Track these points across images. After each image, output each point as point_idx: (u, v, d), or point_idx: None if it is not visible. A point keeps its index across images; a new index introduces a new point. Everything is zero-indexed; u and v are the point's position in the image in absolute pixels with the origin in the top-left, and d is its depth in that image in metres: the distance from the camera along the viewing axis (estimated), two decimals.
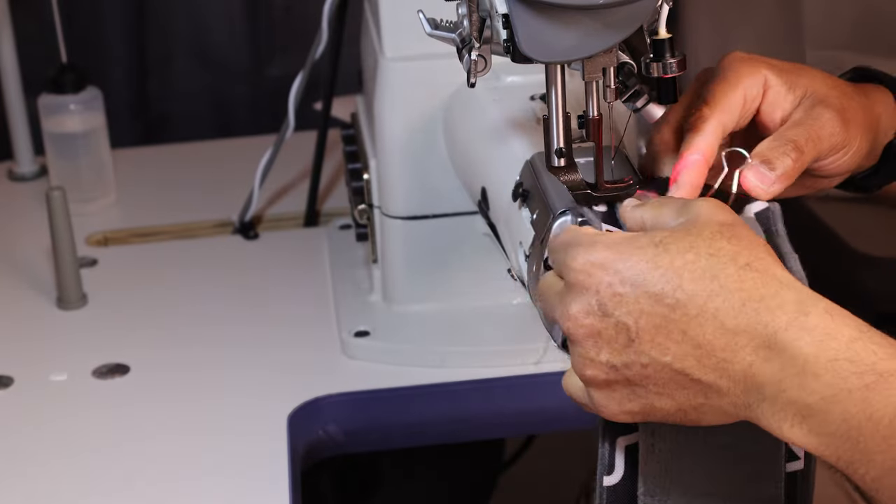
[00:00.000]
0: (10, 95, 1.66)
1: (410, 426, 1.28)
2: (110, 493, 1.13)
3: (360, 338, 1.30)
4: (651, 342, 0.77)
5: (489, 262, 1.26)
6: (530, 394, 1.26)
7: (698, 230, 0.79)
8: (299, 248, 1.50)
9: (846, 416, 0.72)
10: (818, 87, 0.97)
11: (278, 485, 1.13)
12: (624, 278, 0.78)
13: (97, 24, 1.94)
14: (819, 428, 0.73)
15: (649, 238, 0.79)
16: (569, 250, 0.82)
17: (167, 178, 1.69)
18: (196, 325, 1.36)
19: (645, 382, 0.78)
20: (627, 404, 0.80)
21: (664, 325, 0.77)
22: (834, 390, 0.72)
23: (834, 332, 0.74)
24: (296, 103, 1.47)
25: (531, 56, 0.85)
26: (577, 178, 0.92)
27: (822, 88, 0.97)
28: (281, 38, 1.99)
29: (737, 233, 0.79)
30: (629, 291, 0.78)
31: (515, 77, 1.17)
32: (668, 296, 0.77)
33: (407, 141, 1.26)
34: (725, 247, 0.77)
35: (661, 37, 0.90)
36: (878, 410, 0.72)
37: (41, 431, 1.21)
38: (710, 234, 0.78)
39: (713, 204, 0.81)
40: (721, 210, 0.81)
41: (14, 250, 1.52)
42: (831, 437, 0.73)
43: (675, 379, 0.77)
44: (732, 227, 0.79)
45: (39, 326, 1.37)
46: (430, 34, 0.93)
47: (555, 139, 0.92)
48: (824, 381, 0.73)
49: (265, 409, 1.22)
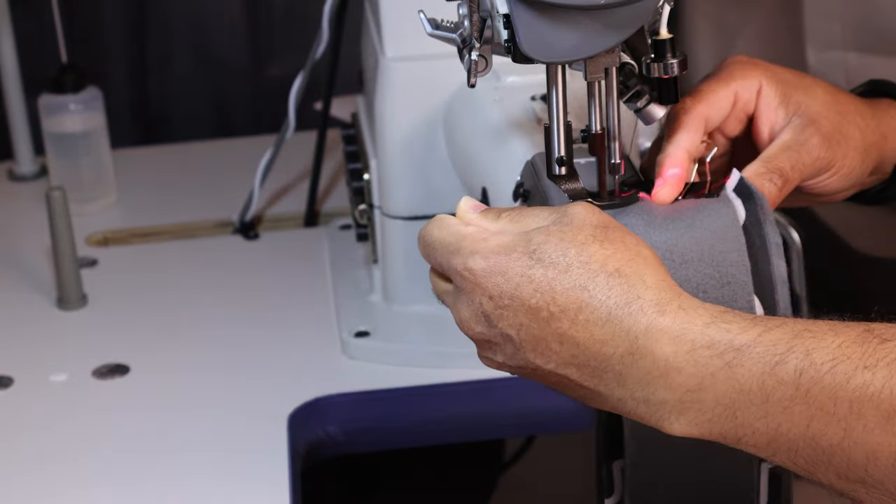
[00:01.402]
0: (10, 95, 1.66)
1: (410, 426, 1.28)
2: (110, 494, 1.13)
3: (360, 338, 1.30)
4: (534, 351, 0.81)
5: None
6: (530, 394, 1.26)
7: (572, 235, 0.81)
8: (299, 248, 1.50)
9: (718, 398, 0.76)
10: (812, 106, 0.97)
11: (278, 485, 1.13)
12: (503, 292, 0.81)
13: (97, 24, 1.94)
14: (697, 417, 0.77)
15: (524, 247, 0.81)
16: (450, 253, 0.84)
17: (167, 178, 1.69)
18: (196, 325, 1.36)
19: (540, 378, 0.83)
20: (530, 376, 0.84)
21: (543, 337, 0.80)
22: (698, 379, 0.76)
23: (688, 324, 0.77)
24: (296, 103, 1.47)
25: (532, 56, 0.85)
26: (578, 187, 0.92)
27: (816, 107, 0.97)
28: (281, 38, 1.99)
29: (609, 236, 0.81)
30: (508, 304, 0.81)
31: (516, 77, 1.17)
32: (542, 309, 0.80)
33: (407, 141, 1.26)
34: (597, 252, 0.80)
35: (663, 37, 0.90)
36: (746, 382, 0.75)
37: (41, 431, 1.21)
38: (583, 240, 0.80)
39: (587, 207, 0.83)
40: (595, 212, 0.83)
41: (14, 250, 1.52)
42: (711, 422, 0.76)
43: (562, 382, 0.81)
44: (605, 230, 0.81)
45: (39, 327, 1.37)
46: (430, 34, 0.93)
47: (556, 148, 0.92)
48: (687, 373, 0.76)
49: (265, 409, 1.22)
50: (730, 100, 0.97)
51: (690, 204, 0.88)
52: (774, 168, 0.94)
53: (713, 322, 0.77)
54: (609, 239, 0.80)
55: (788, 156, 0.95)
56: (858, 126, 0.98)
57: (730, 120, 0.98)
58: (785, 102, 0.97)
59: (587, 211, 0.82)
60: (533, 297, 0.80)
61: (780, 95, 0.97)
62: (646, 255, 0.81)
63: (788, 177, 0.94)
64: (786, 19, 1.55)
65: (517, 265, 0.81)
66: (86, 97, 1.57)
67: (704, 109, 0.96)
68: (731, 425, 0.76)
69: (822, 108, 0.97)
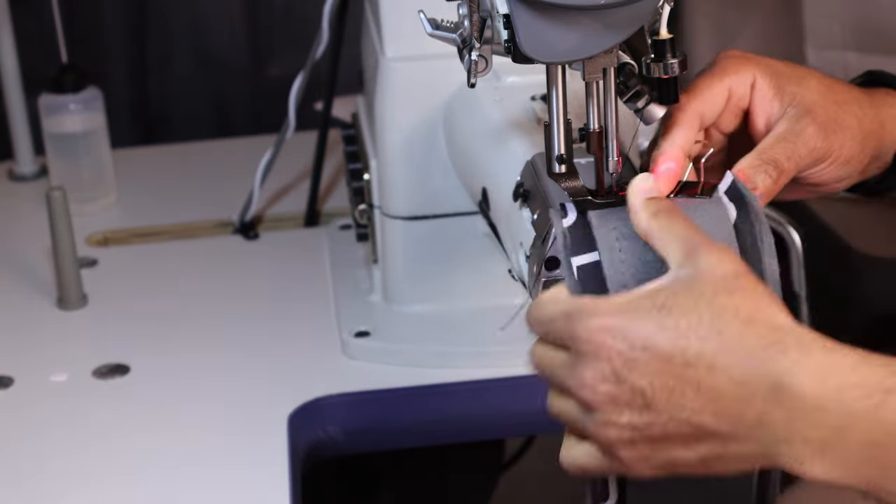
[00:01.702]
0: (10, 95, 1.66)
1: (410, 426, 1.28)
2: (110, 494, 1.13)
3: (360, 338, 1.30)
4: (667, 401, 0.78)
5: (489, 263, 1.26)
6: (530, 394, 1.26)
7: (700, 289, 0.79)
8: (299, 248, 1.50)
9: (863, 440, 0.74)
10: (807, 96, 0.97)
11: (279, 485, 1.12)
12: (633, 344, 0.79)
13: (97, 24, 1.94)
14: (840, 459, 0.75)
15: (651, 301, 0.80)
16: (571, 321, 0.81)
17: (167, 178, 1.69)
18: (196, 325, 1.36)
19: (666, 438, 0.80)
20: (651, 460, 0.81)
21: (678, 385, 0.78)
22: (844, 418, 0.74)
23: (836, 364, 0.76)
24: (296, 103, 1.47)
25: (532, 56, 0.85)
26: (578, 185, 0.92)
27: (810, 97, 0.97)
28: (281, 38, 1.99)
29: (740, 285, 0.79)
30: (640, 356, 0.79)
31: (516, 77, 1.17)
32: (677, 356, 0.78)
33: (407, 141, 1.26)
34: (728, 303, 0.78)
35: (663, 37, 0.90)
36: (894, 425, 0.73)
37: (41, 431, 1.21)
38: (713, 293, 0.79)
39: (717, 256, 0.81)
40: (724, 261, 0.81)
41: (14, 250, 1.52)
42: (855, 466, 0.75)
43: (694, 433, 0.79)
44: (735, 280, 0.80)
45: (39, 326, 1.37)
46: (430, 34, 0.93)
47: (555, 146, 0.92)
48: (833, 411, 0.74)
49: (265, 409, 1.22)
50: (724, 95, 0.96)
51: (682, 203, 0.88)
52: (769, 160, 0.93)
53: (862, 362, 0.75)
54: (740, 288, 0.79)
55: (784, 147, 0.94)
56: (855, 115, 0.98)
57: (725, 115, 0.98)
58: (779, 94, 0.96)
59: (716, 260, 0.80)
60: (666, 344, 0.78)
61: (775, 87, 0.96)
62: (777, 300, 0.79)
63: (784, 168, 0.94)
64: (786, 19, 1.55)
65: (648, 317, 0.79)
66: (86, 97, 1.57)
67: (699, 106, 0.96)
68: (874, 471, 0.74)
69: (818, 98, 0.96)
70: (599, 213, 0.87)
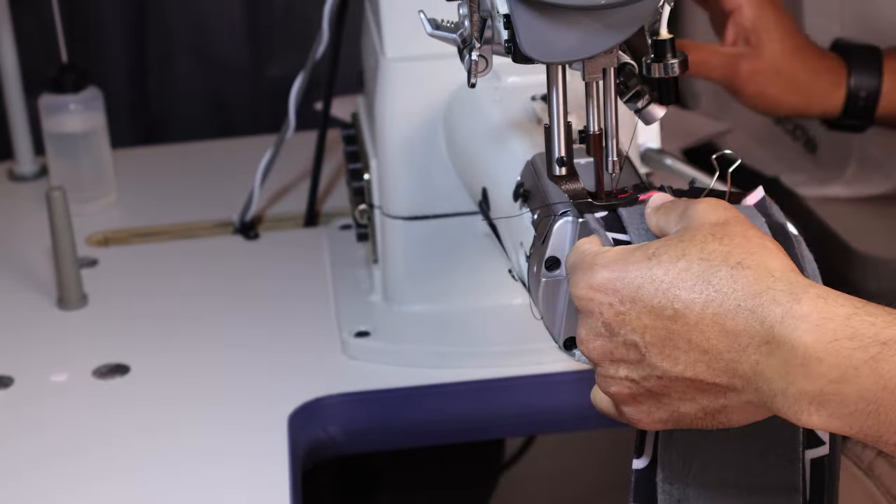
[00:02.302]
0: (10, 95, 1.66)
1: (410, 426, 1.28)
2: (111, 494, 1.13)
3: (360, 338, 1.30)
4: (660, 355, 0.79)
5: (489, 262, 1.26)
6: (530, 394, 1.26)
7: (690, 235, 0.80)
8: (299, 248, 1.50)
9: (861, 393, 0.73)
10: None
11: (278, 485, 1.13)
12: (623, 297, 0.79)
13: (97, 24, 1.94)
14: (837, 410, 0.74)
15: (643, 251, 0.80)
16: (572, 277, 0.83)
17: (167, 178, 1.69)
18: (196, 325, 1.36)
19: (666, 391, 0.80)
20: (655, 413, 0.81)
21: (669, 337, 0.78)
22: (840, 371, 0.73)
23: (829, 314, 0.74)
24: (296, 103, 1.47)
25: (532, 56, 0.85)
26: (578, 187, 0.92)
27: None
28: (281, 38, 1.99)
29: (728, 231, 0.79)
30: (629, 309, 0.79)
31: (516, 77, 1.17)
32: (666, 308, 0.78)
33: (407, 141, 1.26)
34: (717, 248, 0.78)
35: (663, 37, 0.90)
36: (891, 379, 0.72)
37: (41, 431, 1.21)
38: (702, 238, 0.79)
39: (708, 205, 0.81)
40: (714, 209, 0.81)
41: (14, 250, 1.52)
42: (851, 416, 0.73)
43: (692, 386, 0.79)
44: (724, 226, 0.80)
45: (39, 326, 1.37)
46: (430, 34, 0.93)
47: (556, 148, 0.92)
48: (829, 363, 0.73)
49: (265, 409, 1.22)
50: None
51: None
52: None
53: (856, 313, 0.74)
54: (729, 234, 0.79)
55: None
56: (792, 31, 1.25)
57: None
58: None
59: (707, 209, 0.81)
60: (655, 296, 0.78)
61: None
62: (770, 246, 0.79)
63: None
64: None
65: (636, 269, 0.79)
66: (86, 97, 1.57)
67: None
68: (871, 422, 0.73)
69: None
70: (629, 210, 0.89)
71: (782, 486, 0.88)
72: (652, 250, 0.80)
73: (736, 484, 0.88)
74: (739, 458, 0.88)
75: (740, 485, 0.88)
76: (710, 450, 0.88)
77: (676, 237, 0.80)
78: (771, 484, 0.88)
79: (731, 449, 0.88)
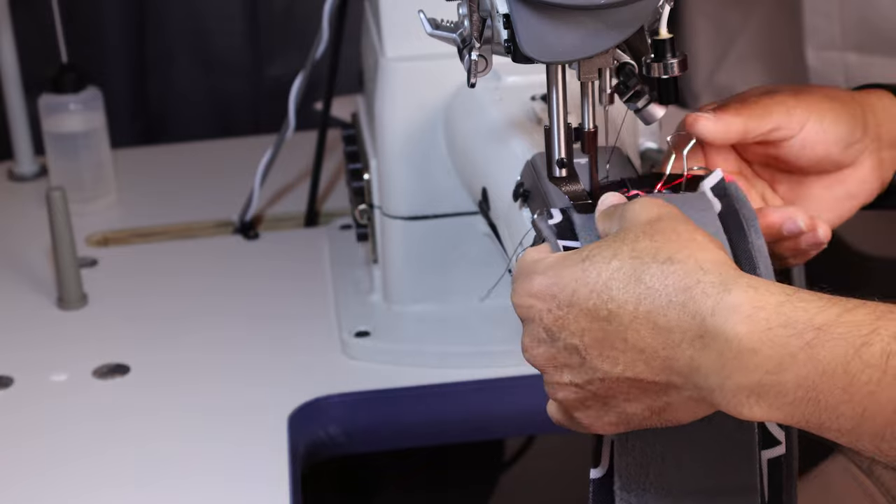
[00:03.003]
0: (10, 95, 1.66)
1: (410, 426, 1.28)
2: (110, 494, 1.13)
3: (360, 338, 1.30)
4: (600, 356, 0.79)
5: (489, 262, 1.26)
6: (530, 394, 1.26)
7: (623, 235, 0.80)
8: (299, 248, 1.50)
9: (799, 381, 0.72)
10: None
11: (278, 485, 1.13)
12: (560, 301, 0.80)
13: (97, 24, 1.94)
14: (776, 401, 0.73)
15: (578, 255, 0.80)
16: (513, 286, 0.83)
17: (167, 178, 1.69)
18: (196, 325, 1.36)
19: (611, 393, 0.80)
20: (605, 416, 0.81)
21: (606, 338, 0.78)
22: (776, 360, 0.72)
23: (761, 303, 0.73)
24: (296, 103, 1.47)
25: (532, 56, 0.85)
26: (578, 189, 0.92)
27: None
28: (281, 38, 1.98)
29: (659, 227, 0.79)
30: (567, 313, 0.79)
31: (516, 77, 1.17)
32: (601, 309, 0.78)
33: (407, 141, 1.26)
34: (647, 245, 0.78)
35: (663, 37, 0.90)
36: (829, 364, 0.71)
37: (41, 431, 1.21)
38: (634, 237, 0.79)
39: (641, 203, 0.82)
40: (647, 207, 0.81)
41: (14, 250, 1.52)
42: (791, 405, 0.73)
43: (634, 385, 0.79)
44: (656, 223, 0.80)
45: (39, 326, 1.37)
46: (430, 34, 0.93)
47: (556, 149, 0.92)
48: (764, 354, 0.72)
49: (265, 409, 1.22)
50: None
51: (666, 197, 0.88)
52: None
53: (788, 300, 0.73)
54: (660, 230, 0.79)
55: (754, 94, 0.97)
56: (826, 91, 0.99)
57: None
58: None
59: (641, 207, 0.81)
60: (590, 298, 0.78)
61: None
62: (701, 240, 0.78)
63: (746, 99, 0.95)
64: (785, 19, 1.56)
65: (570, 272, 0.79)
66: (86, 97, 1.57)
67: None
68: (812, 409, 0.72)
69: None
70: (583, 216, 0.89)
71: (740, 487, 0.88)
72: (586, 253, 0.80)
73: (694, 488, 0.88)
74: (696, 462, 0.88)
75: (699, 488, 0.88)
76: (666, 455, 0.87)
77: (611, 238, 0.80)
78: (729, 486, 0.88)
79: (687, 453, 0.87)
